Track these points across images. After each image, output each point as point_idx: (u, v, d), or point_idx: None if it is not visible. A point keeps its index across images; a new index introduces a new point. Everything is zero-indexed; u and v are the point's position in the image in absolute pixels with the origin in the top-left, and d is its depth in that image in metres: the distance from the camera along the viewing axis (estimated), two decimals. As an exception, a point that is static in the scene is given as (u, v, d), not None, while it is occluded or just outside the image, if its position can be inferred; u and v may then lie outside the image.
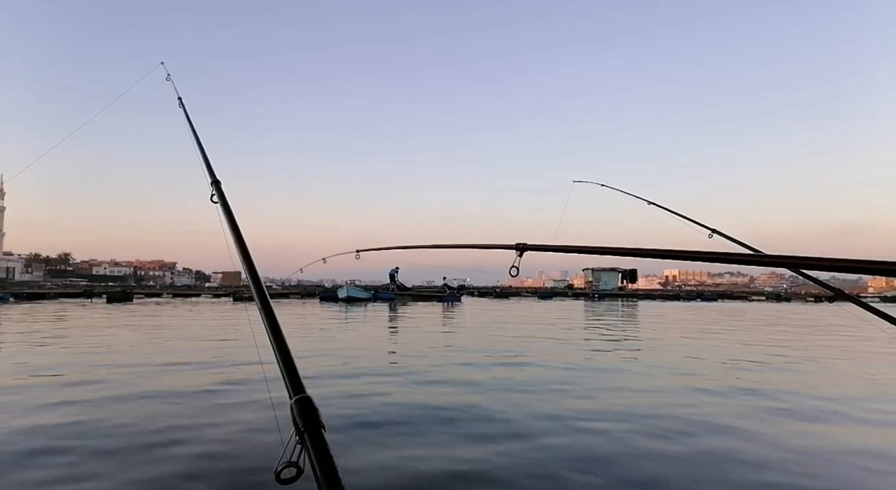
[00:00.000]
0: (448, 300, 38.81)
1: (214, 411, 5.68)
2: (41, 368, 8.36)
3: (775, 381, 7.64)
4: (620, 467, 3.99)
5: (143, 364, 8.92)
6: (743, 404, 6.11)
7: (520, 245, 1.88)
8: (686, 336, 15.12)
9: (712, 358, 10.29)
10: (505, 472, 3.86)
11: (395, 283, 43.93)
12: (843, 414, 5.80)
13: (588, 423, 5.14)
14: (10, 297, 34.84)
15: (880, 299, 49.58)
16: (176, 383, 7.18)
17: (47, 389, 6.60)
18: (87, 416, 5.32)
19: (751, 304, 47.12)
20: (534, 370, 8.44)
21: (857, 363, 9.88)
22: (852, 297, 2.79)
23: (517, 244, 1.89)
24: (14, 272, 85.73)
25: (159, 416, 5.45)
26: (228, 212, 1.59)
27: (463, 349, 11.40)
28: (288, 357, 1.05)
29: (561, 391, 6.70)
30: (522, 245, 1.88)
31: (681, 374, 8.18)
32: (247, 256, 1.38)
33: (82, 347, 10.95)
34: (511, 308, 32.03)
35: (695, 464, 4.08)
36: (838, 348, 12.11)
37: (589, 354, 10.86)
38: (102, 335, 13.61)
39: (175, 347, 11.51)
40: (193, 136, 2.36)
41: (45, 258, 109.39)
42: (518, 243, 1.88)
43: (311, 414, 0.92)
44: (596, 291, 58.75)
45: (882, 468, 4.10)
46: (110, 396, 6.32)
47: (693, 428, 5.06)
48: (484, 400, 6.10)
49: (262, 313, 1.17)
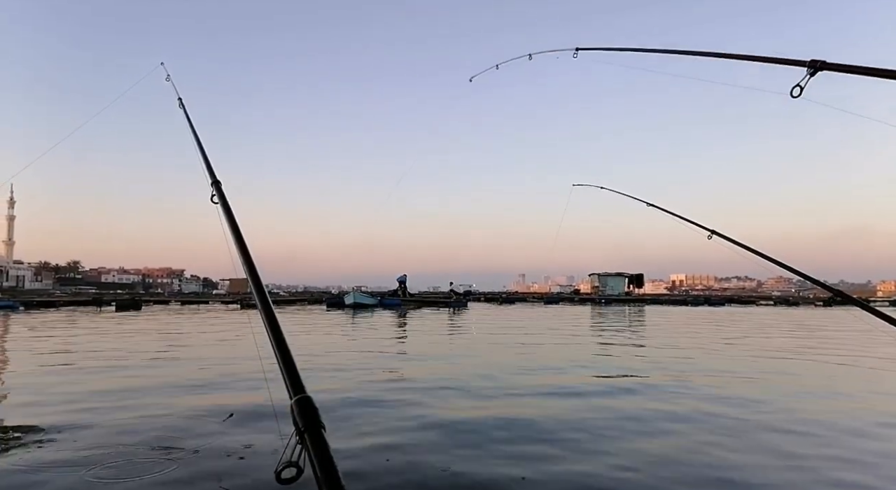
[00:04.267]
0: (454, 306, 38.73)
1: (215, 411, 5.69)
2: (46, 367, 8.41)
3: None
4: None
5: (142, 364, 8.96)
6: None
7: (815, 62, 1.71)
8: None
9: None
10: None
11: (403, 289, 44.03)
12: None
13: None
14: (20, 306, 35.04)
15: (889, 303, 49.05)
16: (175, 382, 7.22)
17: (55, 377, 6.65)
18: (89, 415, 5.35)
19: (759, 308, 46.75)
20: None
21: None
22: (858, 300, 2.76)
23: (811, 60, 1.74)
24: (24, 281, 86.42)
25: (160, 416, 5.47)
26: (229, 212, 1.60)
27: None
28: (288, 357, 1.05)
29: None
30: (819, 62, 1.71)
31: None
32: (247, 257, 1.39)
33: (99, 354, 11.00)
34: (520, 315, 31.80)
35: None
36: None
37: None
38: (117, 341, 13.68)
39: (176, 347, 11.57)
40: (194, 137, 2.37)
41: (55, 266, 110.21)
42: (812, 60, 1.72)
43: (311, 414, 0.91)
44: (602, 296, 58.52)
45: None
46: (109, 395, 6.37)
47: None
48: None
49: (262, 314, 1.16)
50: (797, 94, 1.78)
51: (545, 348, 13.02)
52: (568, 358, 11.00)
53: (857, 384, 8.14)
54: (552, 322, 23.48)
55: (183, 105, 2.86)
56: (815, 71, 1.80)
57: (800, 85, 1.77)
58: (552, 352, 12.26)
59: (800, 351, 12.37)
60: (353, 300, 37.59)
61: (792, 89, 1.80)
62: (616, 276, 66.16)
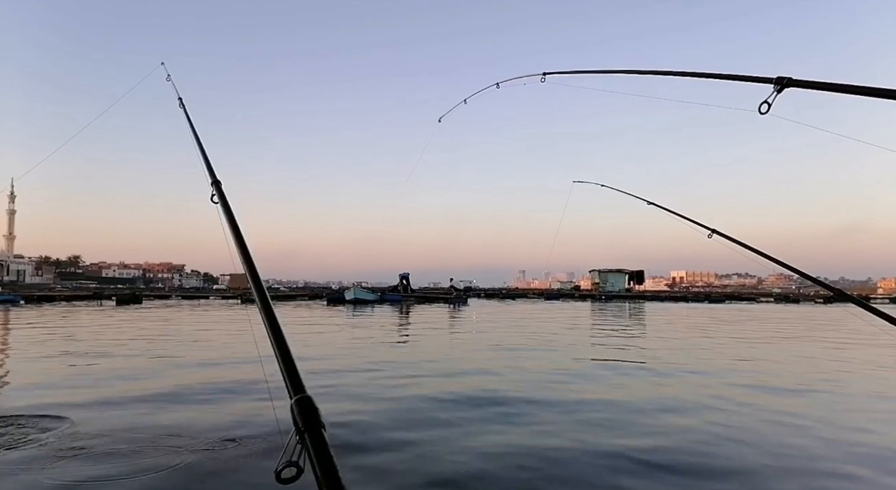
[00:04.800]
0: (454, 302, 38.77)
1: (215, 411, 5.71)
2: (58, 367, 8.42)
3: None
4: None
5: (144, 365, 8.98)
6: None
7: (781, 79, 1.76)
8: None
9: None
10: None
11: (405, 284, 44.13)
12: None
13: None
14: (21, 300, 35.11)
15: (890, 300, 48.98)
16: (177, 383, 7.22)
17: (60, 379, 6.66)
18: (89, 416, 5.37)
19: (760, 305, 46.72)
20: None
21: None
22: (855, 298, 2.75)
23: (777, 78, 1.77)
24: (25, 275, 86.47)
25: (161, 415, 5.48)
26: (229, 212, 1.60)
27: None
28: (288, 357, 1.05)
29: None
30: (785, 79, 1.75)
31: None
32: (247, 257, 1.38)
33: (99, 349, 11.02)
34: (521, 312, 31.80)
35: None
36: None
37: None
38: (117, 336, 13.71)
39: (177, 347, 11.58)
40: (194, 137, 2.37)
41: (55, 261, 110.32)
42: (779, 77, 1.76)
43: (311, 414, 0.91)
44: (603, 293, 58.53)
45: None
46: (110, 395, 6.38)
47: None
48: None
49: (262, 313, 1.17)
50: (765, 111, 1.82)
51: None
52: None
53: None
54: (553, 321, 23.48)
55: (183, 105, 2.85)
56: (781, 88, 1.82)
57: (767, 101, 1.79)
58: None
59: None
60: (354, 296, 37.65)
61: (760, 105, 1.82)
62: (616, 272, 66.17)
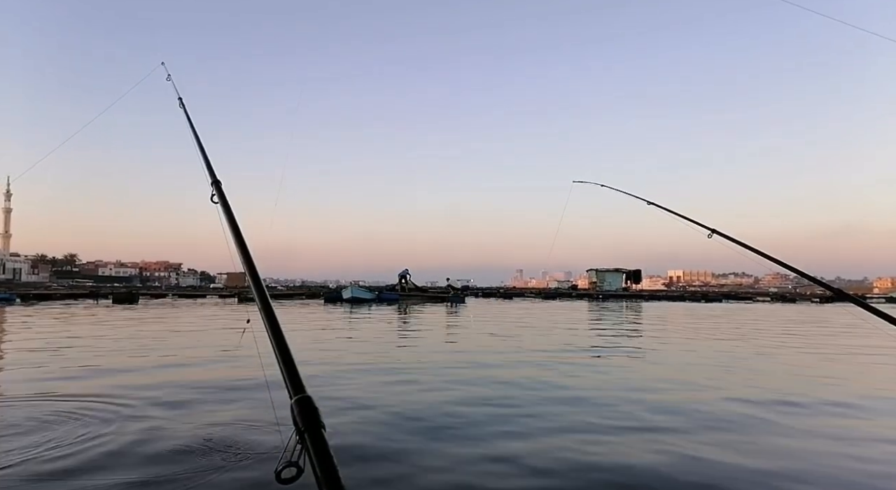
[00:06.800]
0: (452, 301, 38.77)
1: (215, 411, 5.70)
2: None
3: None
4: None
5: (144, 364, 8.96)
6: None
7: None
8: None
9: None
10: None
11: (405, 283, 44.01)
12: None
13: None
14: (17, 299, 34.97)
15: (885, 300, 49.22)
16: (177, 382, 7.20)
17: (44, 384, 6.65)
18: (86, 411, 5.35)
19: (756, 305, 46.86)
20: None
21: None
22: (855, 298, 2.77)
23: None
24: (21, 273, 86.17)
25: (161, 414, 5.47)
26: (229, 212, 1.60)
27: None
28: (288, 357, 1.05)
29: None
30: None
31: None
32: (247, 257, 1.39)
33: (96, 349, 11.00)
34: (521, 312, 31.76)
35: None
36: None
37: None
38: (113, 336, 13.68)
39: (178, 347, 11.56)
40: (194, 137, 2.36)
41: (52, 259, 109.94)
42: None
43: (311, 414, 0.92)
44: (600, 292, 58.59)
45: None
46: (107, 392, 6.36)
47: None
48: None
49: (262, 313, 1.17)
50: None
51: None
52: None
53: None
54: (554, 320, 23.50)
55: (183, 105, 2.84)
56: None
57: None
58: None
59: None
60: (351, 295, 37.60)
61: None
62: (614, 271, 66.24)
